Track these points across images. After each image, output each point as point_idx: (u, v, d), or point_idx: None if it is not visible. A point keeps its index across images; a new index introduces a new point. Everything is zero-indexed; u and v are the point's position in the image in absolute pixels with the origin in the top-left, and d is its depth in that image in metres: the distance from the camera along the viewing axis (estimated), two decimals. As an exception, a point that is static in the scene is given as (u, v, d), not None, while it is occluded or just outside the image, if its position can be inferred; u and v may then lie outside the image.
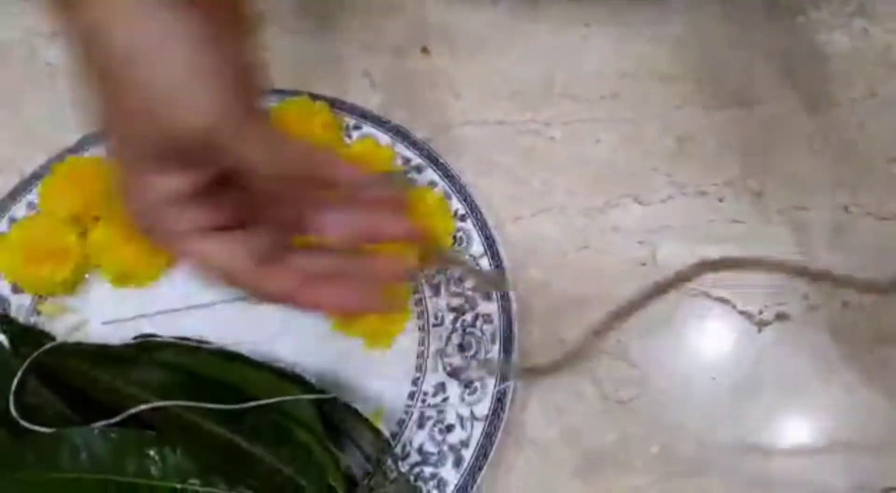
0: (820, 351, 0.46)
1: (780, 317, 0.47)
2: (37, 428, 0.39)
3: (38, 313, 0.49)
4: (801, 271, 0.43)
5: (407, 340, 0.47)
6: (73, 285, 0.49)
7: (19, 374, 0.41)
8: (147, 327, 0.47)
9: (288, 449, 0.39)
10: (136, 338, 0.45)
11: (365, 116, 0.52)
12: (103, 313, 0.49)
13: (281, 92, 0.52)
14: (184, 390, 0.41)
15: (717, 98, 0.53)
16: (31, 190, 0.51)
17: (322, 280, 0.32)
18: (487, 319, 0.46)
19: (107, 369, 0.42)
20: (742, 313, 0.47)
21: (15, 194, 0.51)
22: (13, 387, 0.40)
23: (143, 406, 0.38)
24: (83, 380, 0.41)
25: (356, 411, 0.42)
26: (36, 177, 0.51)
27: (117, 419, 0.38)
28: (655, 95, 0.54)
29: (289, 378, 0.43)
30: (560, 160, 0.52)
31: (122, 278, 0.49)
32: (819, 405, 0.45)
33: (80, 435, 0.38)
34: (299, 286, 0.32)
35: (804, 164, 0.51)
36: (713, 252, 0.48)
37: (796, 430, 0.45)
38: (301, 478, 0.39)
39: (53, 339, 0.44)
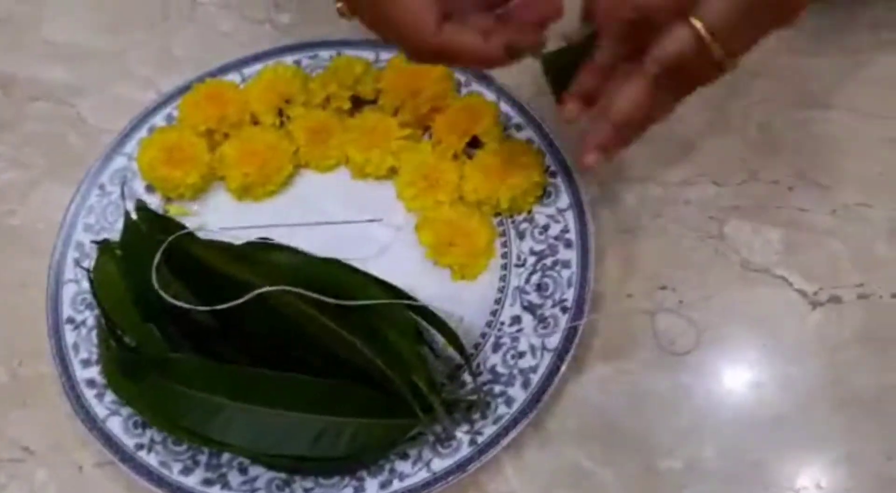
0: (865, 336, 0.50)
1: (833, 299, 0.51)
2: (177, 303, 0.44)
3: (166, 212, 0.55)
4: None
5: (490, 275, 0.52)
6: (199, 190, 0.56)
7: (159, 253, 0.46)
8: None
9: (382, 345, 0.45)
10: (254, 240, 0.51)
11: (474, 74, 0.57)
12: (222, 221, 0.55)
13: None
14: (300, 285, 0.46)
15: (801, 97, 0.57)
16: (171, 104, 0.57)
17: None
18: (566, 264, 0.50)
19: (230, 261, 0.47)
20: (798, 290, 0.51)
21: (156, 108, 0.57)
22: (154, 264, 0.46)
23: (265, 288, 0.44)
24: (209, 269, 0.47)
25: (443, 322, 0.47)
26: (176, 94, 0.57)
27: (240, 300, 0.44)
28: (744, 87, 0.58)
29: (388, 288, 0.48)
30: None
31: (243, 191, 0.55)
32: (857, 385, 0.49)
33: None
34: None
35: (875, 166, 0.55)
36: (776, 235, 0.53)
37: (836, 401, 0.49)
38: (391, 371, 0.44)
39: (183, 227, 0.50)
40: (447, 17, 0.39)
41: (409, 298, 0.48)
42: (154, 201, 0.55)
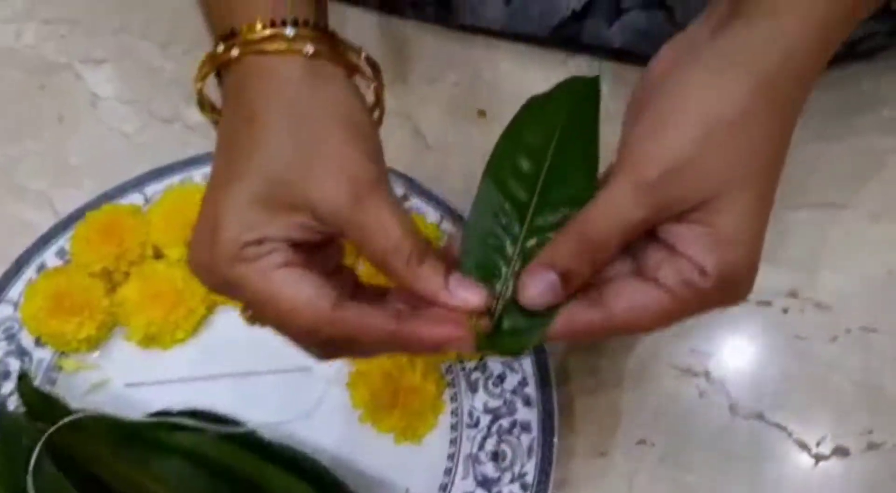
0: (878, 493, 0.43)
1: (839, 451, 0.44)
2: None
3: (59, 368, 0.47)
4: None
5: (439, 437, 0.44)
6: (97, 342, 0.48)
7: (35, 454, 0.39)
8: (171, 393, 0.46)
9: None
10: (153, 414, 0.43)
11: (413, 186, 0.49)
12: (126, 374, 0.47)
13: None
14: (202, 485, 0.39)
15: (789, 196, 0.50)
16: (63, 235, 0.49)
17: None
18: (526, 427, 0.43)
19: (123, 454, 0.40)
20: (798, 442, 0.44)
21: (47, 239, 0.49)
22: (30, 468, 0.38)
23: (156, 507, 0.36)
24: (99, 465, 0.39)
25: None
26: (68, 223, 0.49)
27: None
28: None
29: (308, 475, 0.40)
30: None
31: (150, 340, 0.47)
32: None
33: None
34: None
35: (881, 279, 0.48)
36: (769, 371, 0.46)
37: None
38: None
39: (69, 412, 0.42)
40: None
41: (340, 489, 0.40)
42: (46, 356, 0.47)
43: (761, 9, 0.30)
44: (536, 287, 0.30)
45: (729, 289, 0.30)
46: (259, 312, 0.31)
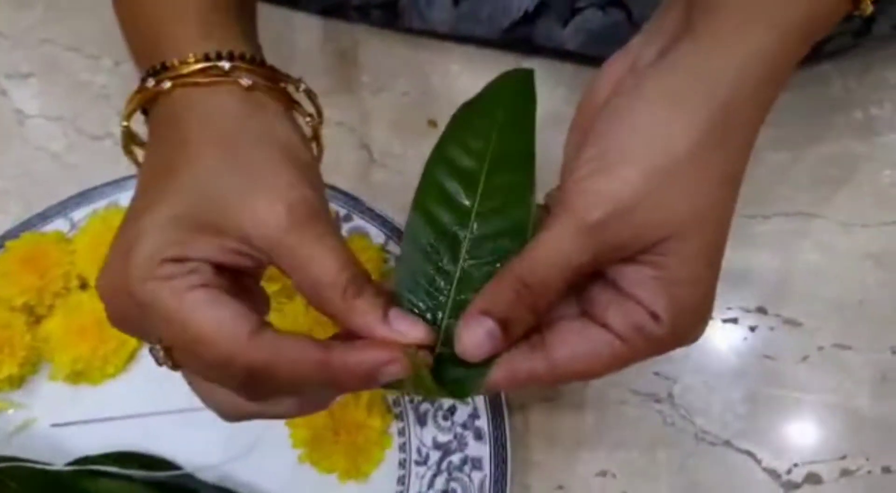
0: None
1: (811, 478, 0.41)
2: None
3: (-19, 409, 0.44)
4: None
5: (386, 473, 0.42)
6: (20, 381, 0.45)
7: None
8: (102, 432, 0.43)
9: None
10: (76, 461, 0.40)
11: (357, 205, 0.46)
12: (53, 413, 0.44)
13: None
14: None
15: (752, 204, 0.47)
16: (-19, 266, 0.46)
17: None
18: (477, 464, 0.40)
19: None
20: (767, 470, 0.42)
21: (-37, 270, 0.46)
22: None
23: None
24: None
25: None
26: (-13, 250, 0.46)
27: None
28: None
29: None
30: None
31: (77, 376, 0.44)
32: None
33: None
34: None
35: (855, 293, 0.45)
36: (737, 394, 0.43)
37: None
38: None
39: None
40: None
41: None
42: (-33, 396, 0.44)
43: (711, 28, 0.27)
44: (473, 337, 0.27)
45: (682, 332, 0.27)
46: (169, 339, 0.27)
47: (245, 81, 0.30)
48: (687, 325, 0.27)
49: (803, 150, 0.48)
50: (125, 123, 0.32)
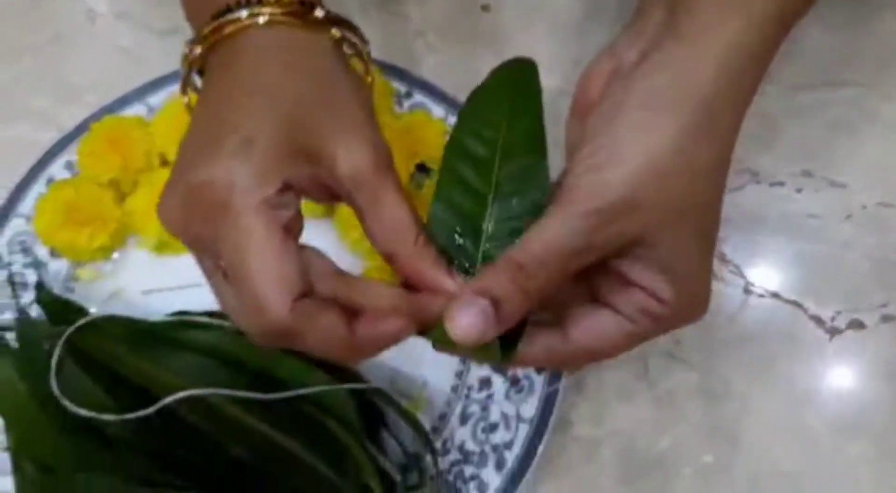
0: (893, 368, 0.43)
1: (854, 324, 0.44)
2: (81, 412, 0.38)
3: (76, 278, 0.48)
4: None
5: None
6: (111, 251, 0.48)
7: (56, 355, 0.39)
8: (188, 298, 0.46)
9: (324, 445, 0.38)
10: (171, 314, 0.43)
11: (417, 82, 0.48)
12: (142, 281, 0.48)
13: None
14: (220, 377, 0.39)
15: (804, 77, 0.49)
16: (69, 148, 0.49)
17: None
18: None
19: (142, 352, 0.40)
20: (813, 318, 0.44)
21: (53, 152, 0.49)
22: (52, 367, 0.39)
23: (178, 394, 0.37)
24: (118, 363, 0.40)
25: (397, 403, 0.40)
26: (74, 135, 0.49)
27: (152, 409, 0.37)
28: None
29: (326, 366, 0.41)
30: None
31: (163, 246, 0.48)
32: (884, 424, 0.42)
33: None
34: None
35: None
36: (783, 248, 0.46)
37: (859, 445, 0.42)
38: (337, 477, 0.38)
39: (86, 313, 0.43)
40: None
41: (355, 377, 0.41)
42: (62, 267, 0.48)
43: (693, 29, 0.28)
44: (466, 315, 0.27)
45: (686, 311, 0.30)
46: (229, 266, 0.28)
47: (335, 33, 0.31)
48: (690, 304, 0.30)
49: (846, 30, 0.49)
50: (197, 50, 0.33)
